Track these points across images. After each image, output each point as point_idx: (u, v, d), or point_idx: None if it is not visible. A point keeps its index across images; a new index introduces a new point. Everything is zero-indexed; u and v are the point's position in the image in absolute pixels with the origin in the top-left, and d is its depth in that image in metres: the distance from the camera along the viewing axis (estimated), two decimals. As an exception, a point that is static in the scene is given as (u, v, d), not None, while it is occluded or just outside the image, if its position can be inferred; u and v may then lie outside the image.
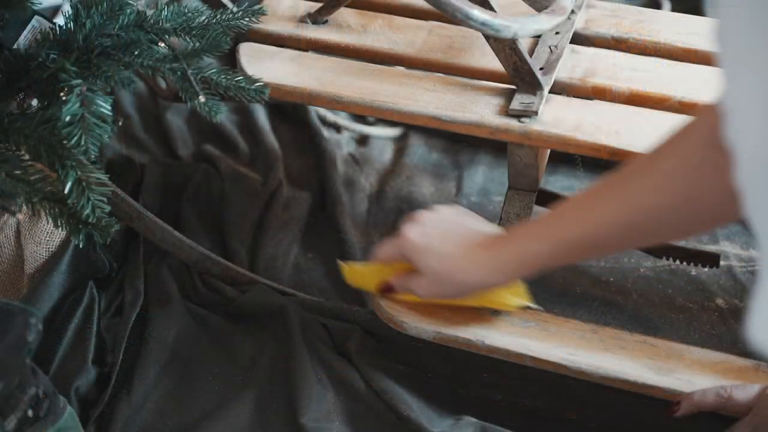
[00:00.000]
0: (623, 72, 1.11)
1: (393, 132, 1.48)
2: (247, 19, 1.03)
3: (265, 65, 1.15)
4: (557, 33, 1.14)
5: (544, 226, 0.90)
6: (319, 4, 1.21)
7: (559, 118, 1.06)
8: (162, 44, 0.97)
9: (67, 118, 0.80)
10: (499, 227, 1.00)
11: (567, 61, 1.12)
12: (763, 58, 0.51)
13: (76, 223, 0.84)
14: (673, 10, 1.55)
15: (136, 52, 0.93)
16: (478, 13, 0.96)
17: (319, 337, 1.11)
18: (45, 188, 0.84)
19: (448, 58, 1.15)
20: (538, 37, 1.15)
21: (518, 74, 1.06)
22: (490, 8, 1.03)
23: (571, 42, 1.15)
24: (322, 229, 1.32)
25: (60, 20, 0.99)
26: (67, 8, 0.99)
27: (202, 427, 1.04)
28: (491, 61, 1.11)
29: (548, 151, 1.19)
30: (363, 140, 1.48)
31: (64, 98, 0.81)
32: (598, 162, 1.30)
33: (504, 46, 1.04)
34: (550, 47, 1.13)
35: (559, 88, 1.11)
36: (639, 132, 1.04)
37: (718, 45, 0.56)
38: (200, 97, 0.91)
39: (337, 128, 1.48)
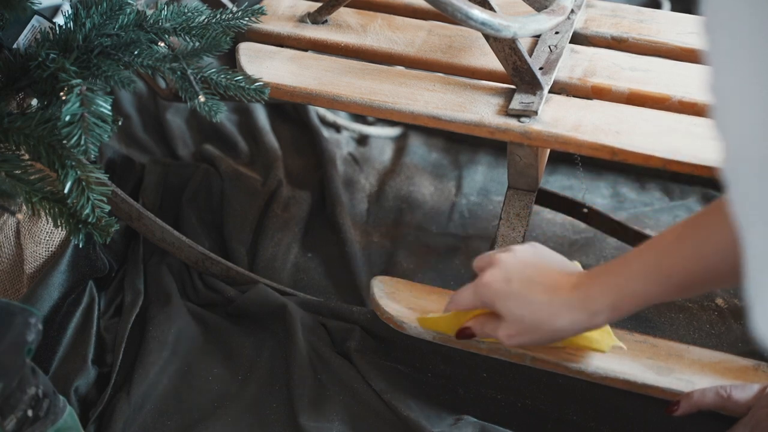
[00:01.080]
0: (623, 71, 1.11)
1: (393, 132, 1.48)
2: (246, 18, 1.03)
3: (264, 65, 1.15)
4: (557, 33, 1.14)
5: (639, 263, 0.83)
6: (319, 4, 1.22)
7: (558, 117, 1.06)
8: (162, 44, 0.97)
9: (67, 118, 0.80)
10: (577, 263, 0.94)
11: (567, 61, 1.12)
12: (749, 52, 0.52)
13: (75, 223, 0.84)
14: (673, 10, 1.55)
15: (135, 52, 0.93)
16: (477, 12, 0.96)
17: (319, 337, 1.11)
18: (45, 188, 0.84)
19: (448, 57, 1.15)
20: (538, 36, 1.15)
21: (518, 74, 1.06)
22: (490, 8, 1.03)
23: (570, 41, 1.15)
24: (322, 229, 1.32)
25: (60, 20, 0.99)
26: (66, 8, 0.99)
27: (202, 427, 1.04)
28: (491, 61, 1.11)
29: (548, 150, 1.19)
30: (363, 140, 1.48)
31: (63, 98, 0.81)
32: (598, 162, 1.30)
33: (504, 45, 1.04)
34: (549, 47, 1.13)
35: (558, 88, 1.11)
36: (638, 131, 1.04)
37: (705, 39, 0.57)
38: (200, 96, 0.91)
39: (337, 128, 1.48)
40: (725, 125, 0.57)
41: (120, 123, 0.90)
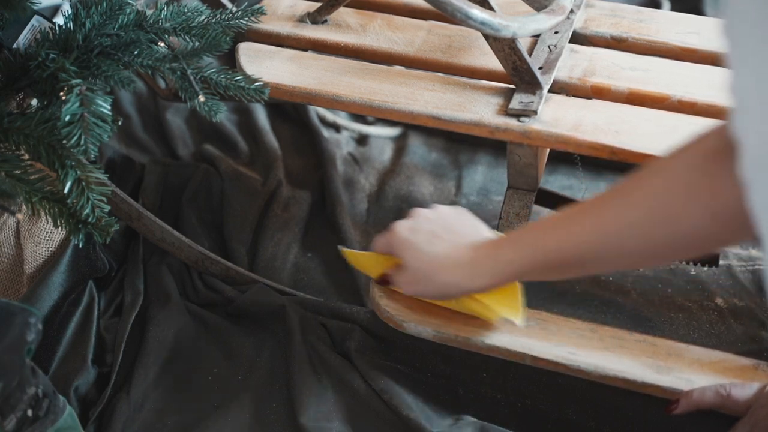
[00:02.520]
0: (622, 71, 1.11)
1: (392, 131, 1.48)
2: (246, 18, 1.03)
3: (264, 65, 1.15)
4: (556, 32, 1.15)
5: (523, 236, 0.89)
6: (319, 4, 1.22)
7: (558, 117, 1.06)
8: (161, 44, 0.97)
9: (67, 118, 0.80)
10: (497, 231, 0.99)
11: (566, 61, 1.13)
12: (766, 53, 0.52)
13: (75, 223, 0.84)
14: (673, 9, 1.55)
15: (135, 52, 0.93)
16: (477, 12, 0.96)
17: (319, 336, 1.11)
18: (45, 188, 0.84)
19: (448, 57, 1.15)
20: (538, 36, 1.15)
21: (517, 74, 1.06)
22: (490, 8, 1.03)
23: (570, 41, 1.15)
24: (322, 229, 1.32)
25: (60, 20, 0.99)
26: (66, 8, 0.99)
27: (202, 427, 1.04)
28: (490, 61, 1.11)
29: (547, 150, 1.19)
30: (362, 140, 1.48)
31: (63, 98, 0.81)
32: (598, 161, 1.30)
33: (503, 45, 1.04)
34: (549, 47, 1.13)
35: (558, 88, 1.11)
36: (638, 131, 1.04)
37: (724, 41, 0.57)
38: (200, 96, 0.91)
39: (337, 128, 1.48)
40: (745, 126, 0.57)
41: (120, 123, 0.90)
